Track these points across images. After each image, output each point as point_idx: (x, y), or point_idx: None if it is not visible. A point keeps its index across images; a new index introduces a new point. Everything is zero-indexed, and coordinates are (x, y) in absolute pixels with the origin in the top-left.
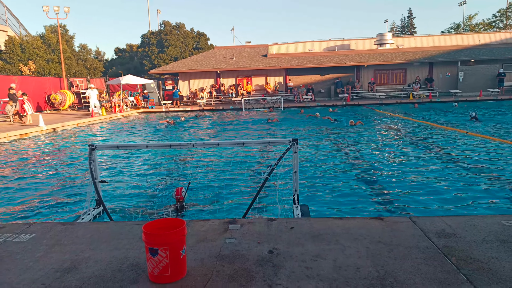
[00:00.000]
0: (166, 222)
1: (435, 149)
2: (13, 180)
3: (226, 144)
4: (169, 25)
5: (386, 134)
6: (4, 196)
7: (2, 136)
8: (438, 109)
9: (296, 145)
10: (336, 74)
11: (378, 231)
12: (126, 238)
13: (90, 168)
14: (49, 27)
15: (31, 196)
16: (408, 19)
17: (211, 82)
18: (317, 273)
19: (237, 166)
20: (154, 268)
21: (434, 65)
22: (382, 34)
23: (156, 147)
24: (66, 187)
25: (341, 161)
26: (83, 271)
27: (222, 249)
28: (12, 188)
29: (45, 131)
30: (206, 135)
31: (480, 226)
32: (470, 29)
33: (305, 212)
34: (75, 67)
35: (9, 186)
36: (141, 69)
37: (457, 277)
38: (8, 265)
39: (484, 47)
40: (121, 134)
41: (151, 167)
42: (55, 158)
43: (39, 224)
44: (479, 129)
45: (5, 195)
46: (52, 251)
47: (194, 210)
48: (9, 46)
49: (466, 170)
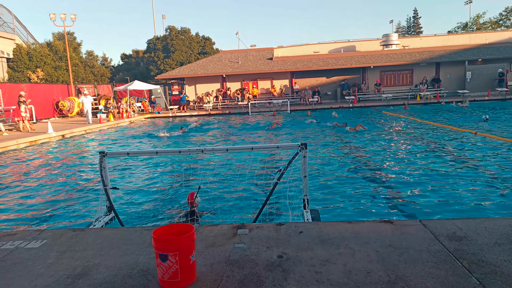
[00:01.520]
0: (175, 228)
1: (444, 150)
2: (23, 187)
3: (235, 149)
4: (175, 30)
5: (394, 136)
6: (15, 203)
7: (12, 143)
8: (442, 110)
9: (305, 149)
10: (342, 76)
11: (388, 234)
12: (136, 244)
13: (101, 175)
14: (57, 34)
15: (41, 203)
16: (413, 19)
17: (217, 87)
18: (327, 278)
19: (247, 170)
20: (164, 274)
21: (441, 65)
22: (388, 34)
23: (166, 153)
24: (76, 194)
25: (349, 165)
26: (94, 277)
27: (231, 254)
28: (22, 195)
29: (54, 138)
30: (211, 140)
31: (492, 228)
32: (478, 28)
33: (315, 216)
34: (82, 74)
35: (20, 193)
36: (147, 75)
37: (469, 281)
38: (20, 272)
39: (492, 46)
40: (129, 140)
41: (161, 172)
42: (65, 164)
43: (50, 231)
44: (494, 129)
45: (16, 201)
46: (63, 257)
47: (205, 215)
48: (17, 54)
49: (476, 171)
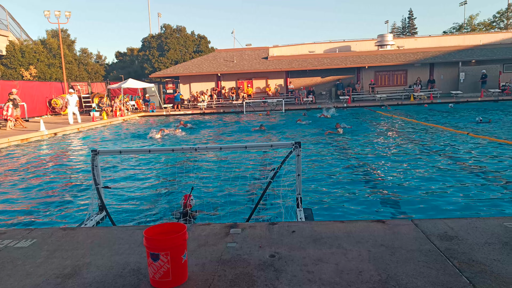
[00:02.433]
0: (167, 227)
1: (437, 151)
2: (14, 185)
3: (229, 147)
4: (170, 28)
5: (387, 136)
6: (4, 201)
7: (3, 141)
8: (435, 110)
9: (299, 148)
10: (337, 76)
11: (380, 234)
12: (127, 243)
13: (93, 173)
14: (51, 32)
15: (32, 201)
16: (408, 19)
17: (212, 85)
18: (319, 277)
19: (240, 170)
20: (156, 273)
21: (435, 65)
22: (383, 35)
23: (158, 151)
24: (67, 193)
25: (343, 165)
26: (84, 277)
27: (223, 253)
28: (13, 193)
29: (46, 136)
30: (204, 139)
31: (482, 228)
32: (472, 29)
33: (308, 215)
34: (76, 72)
35: (10, 192)
36: (142, 73)
37: (459, 280)
38: (9, 271)
39: (485, 47)
40: (122, 139)
41: (154, 172)
42: (56, 163)
43: (40, 230)
44: (490, 129)
45: (6, 200)
46: (53, 256)
47: (198, 215)
48: (10, 51)
49: (468, 172)
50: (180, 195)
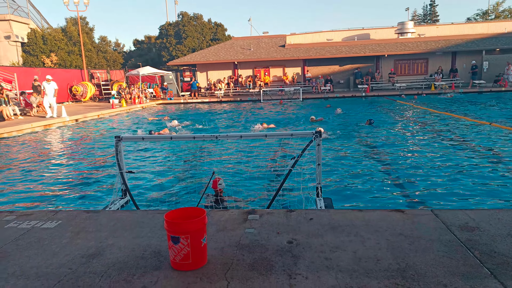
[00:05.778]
0: (187, 211)
1: (457, 141)
2: (39, 169)
3: (249, 136)
4: (187, 16)
5: (406, 126)
6: (31, 184)
7: (26, 126)
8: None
9: (320, 137)
10: (355, 65)
11: (399, 223)
12: (148, 227)
13: (117, 158)
14: (70, 19)
15: (57, 185)
16: (430, 6)
17: (229, 73)
18: (337, 264)
19: (260, 158)
20: (176, 256)
21: (457, 54)
22: (403, 22)
23: (180, 138)
24: (92, 177)
25: (361, 155)
26: (108, 257)
27: (241, 238)
28: (38, 177)
29: (68, 122)
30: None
31: (505, 219)
32: (496, 16)
33: (328, 204)
34: (95, 59)
35: (36, 175)
36: (159, 61)
37: (480, 271)
38: (36, 250)
39: (510, 35)
40: (143, 125)
41: (176, 158)
42: (79, 148)
43: (65, 212)
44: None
45: (31, 183)
46: (78, 237)
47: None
48: (31, 39)
49: (490, 162)
50: (201, 181)
